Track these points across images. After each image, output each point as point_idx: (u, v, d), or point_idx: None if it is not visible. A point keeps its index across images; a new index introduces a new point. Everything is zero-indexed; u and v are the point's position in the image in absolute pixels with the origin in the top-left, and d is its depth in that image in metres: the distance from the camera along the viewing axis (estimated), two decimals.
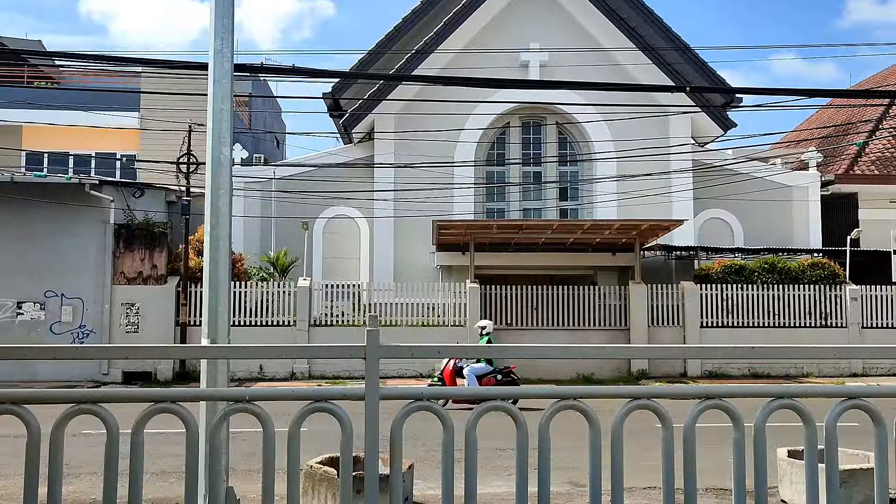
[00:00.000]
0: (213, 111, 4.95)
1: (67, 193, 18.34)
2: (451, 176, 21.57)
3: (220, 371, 4.54)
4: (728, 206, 22.54)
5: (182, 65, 9.79)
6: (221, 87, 4.96)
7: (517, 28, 22.44)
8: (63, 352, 3.27)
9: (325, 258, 22.39)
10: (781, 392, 3.17)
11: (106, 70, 23.72)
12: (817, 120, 29.58)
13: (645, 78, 21.38)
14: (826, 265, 20.14)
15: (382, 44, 22.82)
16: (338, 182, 21.77)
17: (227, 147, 4.94)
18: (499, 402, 3.13)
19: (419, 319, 19.25)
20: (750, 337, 19.06)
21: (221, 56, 4.96)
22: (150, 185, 20.42)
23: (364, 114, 22.09)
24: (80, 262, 18.61)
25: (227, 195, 4.93)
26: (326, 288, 19.91)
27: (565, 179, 23.35)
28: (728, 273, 19.91)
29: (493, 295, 19.58)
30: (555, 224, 19.28)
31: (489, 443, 8.52)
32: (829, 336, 19.25)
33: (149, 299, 18.80)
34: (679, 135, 22.13)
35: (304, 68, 8.17)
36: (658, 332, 19.43)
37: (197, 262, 18.16)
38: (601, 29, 22.19)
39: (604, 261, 21.16)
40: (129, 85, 24.34)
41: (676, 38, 22.57)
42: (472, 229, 19.16)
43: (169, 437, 5.71)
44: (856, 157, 24.15)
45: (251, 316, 18.93)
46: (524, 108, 22.41)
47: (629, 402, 3.13)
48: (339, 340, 18.04)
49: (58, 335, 18.35)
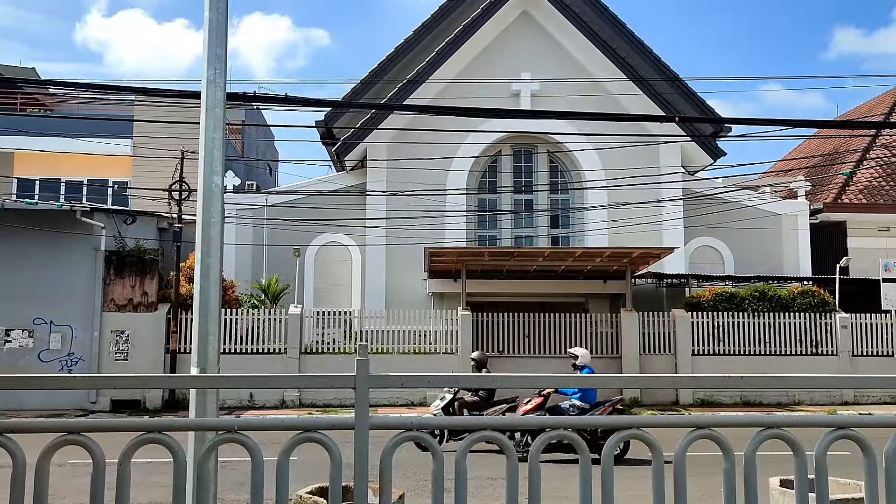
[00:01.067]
0: (205, 140, 4.97)
1: (58, 220, 18.29)
2: (443, 203, 21.64)
3: (209, 400, 4.51)
4: (718, 234, 22.67)
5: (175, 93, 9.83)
6: (214, 116, 4.99)
7: (509, 58, 22.67)
8: (50, 382, 3.25)
9: (317, 285, 22.34)
10: (771, 422, 3.17)
11: (99, 98, 23.78)
12: (805, 149, 29.90)
13: (635, 107, 21.60)
14: (816, 293, 20.23)
15: (375, 73, 23.02)
16: (330, 209, 21.80)
17: (218, 176, 4.94)
18: (489, 432, 3.12)
19: (411, 347, 19.19)
20: (741, 365, 19.04)
21: (214, 86, 4.99)
22: (141, 212, 20.40)
23: (356, 142, 22.20)
24: (70, 289, 18.51)
25: (218, 223, 4.93)
26: (318, 315, 19.85)
27: (556, 207, 23.46)
28: (719, 301, 19.96)
29: (485, 322, 19.56)
30: (546, 251, 19.33)
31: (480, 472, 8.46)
32: (820, 364, 19.26)
33: (139, 326, 18.69)
34: (669, 163, 22.31)
35: (296, 97, 8.22)
36: (649, 359, 19.41)
37: (188, 289, 18.09)
38: (592, 59, 22.45)
39: (595, 288, 21.18)
40: (122, 112, 24.40)
41: (666, 68, 22.86)
42: (463, 256, 19.18)
43: (157, 466, 5.65)
44: (844, 186, 24.38)
45: (242, 343, 18.83)
46: (515, 136, 22.57)
47: (620, 432, 3.13)
48: (330, 368, 17.95)
49: (46, 363, 18.19)
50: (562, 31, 22.59)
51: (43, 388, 3.15)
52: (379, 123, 21.52)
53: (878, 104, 28.41)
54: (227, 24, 5.16)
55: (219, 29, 5.07)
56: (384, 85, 22.51)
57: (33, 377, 3.31)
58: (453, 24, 22.84)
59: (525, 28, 22.90)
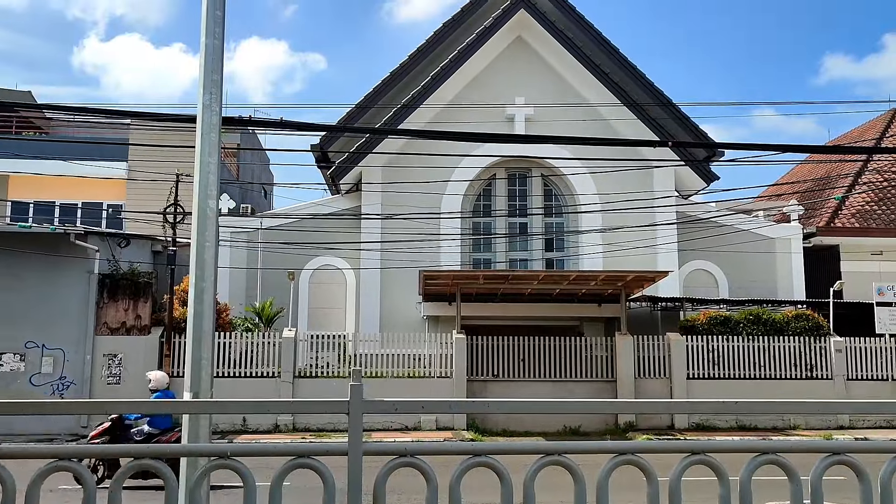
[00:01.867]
0: (200, 164, 4.98)
1: (52, 243, 18.25)
2: (438, 227, 21.67)
3: (201, 426, 4.48)
4: (712, 258, 22.73)
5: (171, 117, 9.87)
6: (209, 140, 5.01)
7: (503, 83, 22.83)
8: (42, 407, 3.23)
9: (311, 308, 22.28)
10: (766, 448, 3.16)
11: (95, 121, 23.86)
12: (798, 173, 30.09)
13: (629, 132, 21.75)
14: (810, 317, 20.26)
15: (370, 97, 23.14)
16: (325, 232, 21.80)
17: (213, 200, 4.95)
18: (484, 457, 3.10)
19: (405, 371, 19.11)
20: (736, 389, 19.01)
21: (210, 110, 5.02)
22: (136, 236, 20.38)
23: (351, 165, 22.26)
24: (63, 313, 18.42)
25: (212, 247, 4.92)
26: (312, 338, 19.78)
27: (551, 231, 23.52)
28: (714, 324, 19.97)
29: (480, 346, 19.50)
30: (541, 275, 19.33)
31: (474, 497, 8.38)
32: (816, 388, 19.24)
33: (131, 350, 18.58)
34: (663, 187, 22.42)
35: (291, 122, 8.26)
36: (645, 383, 19.36)
37: (182, 313, 18.02)
38: (586, 84, 22.63)
39: (590, 311, 21.17)
40: (117, 136, 24.46)
41: (659, 93, 23.03)
42: (458, 280, 19.18)
43: (150, 492, 5.60)
44: (836, 211, 24.52)
45: (235, 367, 18.73)
46: (510, 160, 22.67)
47: (615, 458, 3.12)
48: (324, 392, 17.85)
49: (37, 387, 18.05)
50: (556, 56, 22.79)
51: (35, 413, 3.13)
52: (374, 147, 21.60)
53: (869, 129, 28.66)
54: (224, 49, 5.20)
55: (215, 54, 5.11)
56: (379, 109, 22.63)
57: (27, 403, 3.29)
58: (448, 49, 23.02)
59: (519, 53, 23.10)
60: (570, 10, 23.37)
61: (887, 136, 26.96)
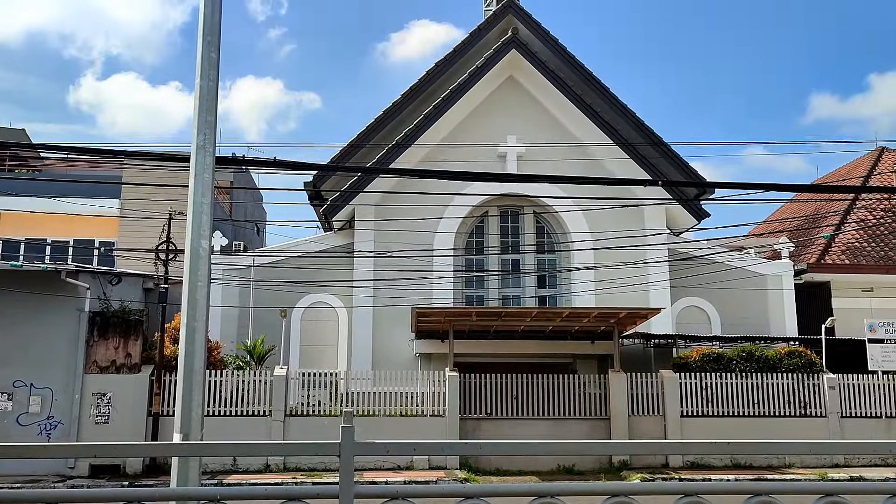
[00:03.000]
0: (193, 204, 5.01)
1: (43, 281, 18.16)
2: (431, 264, 21.68)
3: (191, 468, 4.43)
4: (704, 294, 22.78)
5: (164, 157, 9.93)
6: (202, 180, 5.04)
7: (495, 121, 23.05)
8: (30, 451, 3.20)
9: (303, 346, 22.16)
10: (759, 489, 3.15)
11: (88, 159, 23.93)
12: (788, 210, 30.33)
13: (620, 170, 21.93)
14: (803, 353, 20.25)
15: (364, 135, 23.30)
16: (317, 270, 21.78)
17: (206, 240, 4.97)
18: (477, 500, 3.08)
19: (397, 409, 18.94)
20: (730, 427, 18.91)
21: (203, 151, 5.06)
22: (127, 273, 20.31)
23: (344, 203, 22.33)
24: (52, 351, 18.26)
25: (204, 287, 4.93)
26: (303, 377, 19.61)
27: (543, 267, 23.56)
28: (707, 361, 19.93)
29: (473, 383, 19.39)
30: (534, 312, 19.32)
31: None
32: (809, 426, 19.16)
33: (121, 389, 18.39)
34: (654, 224, 22.56)
35: (284, 161, 8.32)
36: (638, 421, 19.24)
37: (173, 351, 17.89)
38: (577, 122, 22.87)
39: (583, 348, 21.12)
40: (110, 173, 24.53)
41: (650, 131, 23.25)
42: (451, 317, 19.13)
43: None
44: (826, 247, 24.67)
45: (226, 406, 18.54)
46: (502, 198, 22.80)
47: (608, 500, 3.10)
48: (316, 431, 17.65)
49: (25, 427, 17.81)
50: (547, 95, 23.06)
51: (23, 457, 3.10)
52: (366, 185, 21.70)
53: (857, 166, 28.97)
54: (218, 91, 5.26)
55: (209, 96, 5.16)
56: (372, 148, 22.78)
57: (11, 446, 3.26)
58: (441, 88, 23.27)
59: (511, 92, 23.37)
60: (562, 51, 23.71)
61: (874, 175, 27.26)
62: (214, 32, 5.29)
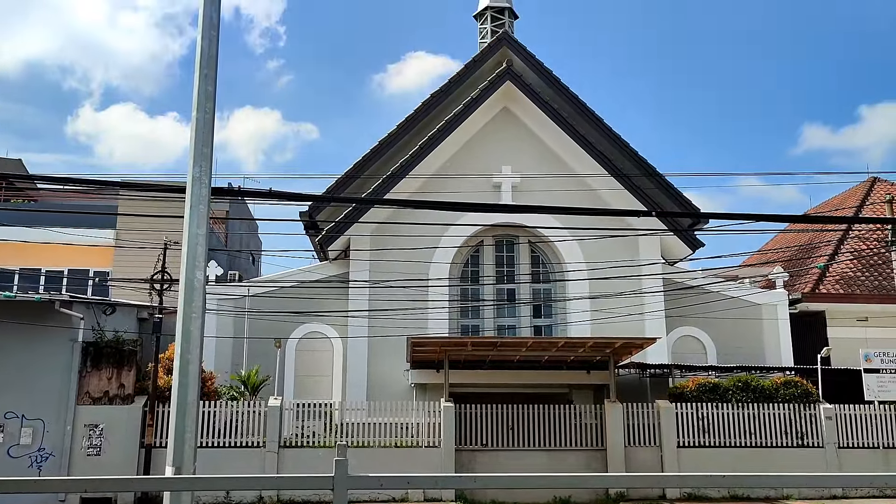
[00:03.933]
0: (188, 235, 5.02)
1: (36, 312, 18.07)
2: (426, 293, 21.66)
3: (183, 502, 4.40)
4: (700, 324, 22.77)
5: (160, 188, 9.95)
6: (198, 212, 5.06)
7: (490, 152, 23.19)
8: (22, 485, 3.18)
9: (298, 376, 22.02)
10: None
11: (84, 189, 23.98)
12: (781, 240, 30.44)
13: (615, 200, 22.05)
14: (799, 383, 20.20)
15: (359, 165, 23.39)
16: (312, 300, 21.74)
17: (201, 271, 4.98)
18: None
19: (392, 440, 18.80)
20: (727, 458, 18.79)
21: (199, 183, 5.09)
22: (121, 303, 20.23)
23: (339, 234, 22.36)
24: (45, 382, 18.12)
25: (199, 319, 4.92)
26: (298, 407, 19.48)
27: (539, 297, 23.55)
28: (702, 391, 19.87)
29: (468, 414, 19.27)
30: (529, 342, 19.27)
31: None
32: (807, 456, 19.05)
33: (114, 420, 18.23)
34: (649, 254, 22.61)
35: (280, 192, 8.36)
36: (635, 452, 19.11)
37: (166, 381, 17.77)
38: (571, 153, 23.01)
39: (579, 378, 21.04)
40: (106, 203, 24.55)
41: (644, 162, 23.39)
42: (446, 346, 19.07)
43: None
44: (820, 277, 24.74)
45: (220, 437, 18.38)
46: (497, 228, 22.86)
47: None
48: (310, 462, 17.48)
49: (15, 458, 17.61)
50: (541, 126, 23.23)
51: (15, 492, 3.07)
52: (361, 216, 21.75)
53: (850, 196, 29.16)
54: (214, 123, 5.30)
55: (206, 128, 5.21)
56: (367, 178, 22.86)
57: (4, 481, 3.23)
58: (436, 119, 23.43)
59: (506, 123, 23.55)
60: (556, 82, 23.94)
61: (867, 205, 27.44)
62: (211, 66, 5.35)
